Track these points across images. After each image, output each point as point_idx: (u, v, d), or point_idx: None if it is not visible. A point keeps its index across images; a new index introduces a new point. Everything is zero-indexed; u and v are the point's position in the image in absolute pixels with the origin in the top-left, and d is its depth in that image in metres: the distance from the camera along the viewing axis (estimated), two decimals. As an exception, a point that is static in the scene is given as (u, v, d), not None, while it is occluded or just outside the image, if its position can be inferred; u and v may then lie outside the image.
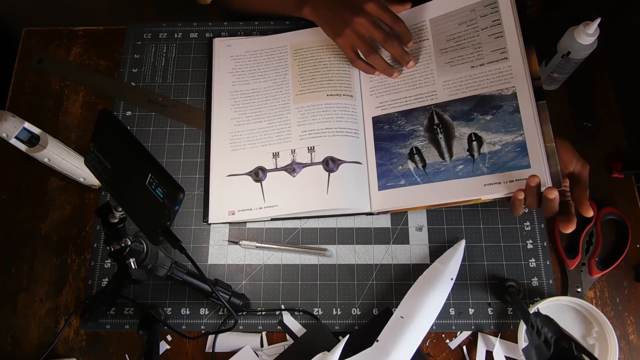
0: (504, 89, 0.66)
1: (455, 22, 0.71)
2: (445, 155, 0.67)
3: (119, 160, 0.49)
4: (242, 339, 0.66)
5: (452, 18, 0.72)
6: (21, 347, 0.67)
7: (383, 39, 0.69)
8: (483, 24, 0.70)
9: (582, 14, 0.78)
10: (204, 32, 0.83)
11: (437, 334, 0.67)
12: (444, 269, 0.65)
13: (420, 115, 0.70)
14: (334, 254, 0.70)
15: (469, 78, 0.68)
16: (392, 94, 0.72)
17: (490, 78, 0.67)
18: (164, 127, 0.77)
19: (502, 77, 0.66)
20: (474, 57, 0.69)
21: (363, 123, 0.73)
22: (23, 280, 0.70)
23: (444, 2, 0.73)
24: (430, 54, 0.72)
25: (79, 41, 0.83)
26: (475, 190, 0.63)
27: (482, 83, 0.67)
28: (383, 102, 0.72)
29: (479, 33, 0.69)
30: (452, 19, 0.72)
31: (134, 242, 0.55)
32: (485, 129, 0.66)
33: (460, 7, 0.72)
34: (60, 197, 0.74)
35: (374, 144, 0.71)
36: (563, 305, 0.66)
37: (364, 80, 0.75)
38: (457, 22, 0.71)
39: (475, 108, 0.67)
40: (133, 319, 0.68)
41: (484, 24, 0.69)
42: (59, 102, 0.79)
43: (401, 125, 0.70)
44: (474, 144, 0.66)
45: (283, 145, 0.72)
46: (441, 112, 0.69)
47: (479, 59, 0.69)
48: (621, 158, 0.73)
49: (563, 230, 0.59)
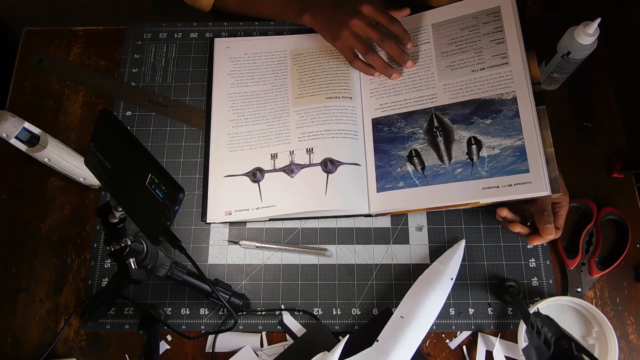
0: (504, 94, 0.66)
1: (457, 28, 0.72)
2: (445, 158, 0.67)
3: (119, 160, 0.49)
4: (242, 339, 0.66)
5: (454, 24, 0.72)
6: (21, 347, 0.67)
7: (379, 39, 0.70)
8: (485, 30, 0.70)
9: (582, 14, 0.77)
10: (204, 32, 0.83)
11: (437, 334, 0.67)
12: (444, 269, 0.65)
13: (420, 118, 0.70)
14: (334, 254, 0.70)
15: (470, 82, 0.69)
16: (392, 95, 0.72)
17: (490, 82, 0.67)
18: (164, 127, 0.77)
19: (503, 81, 0.67)
20: (474, 61, 0.69)
21: (363, 125, 0.73)
22: (23, 280, 0.70)
23: (446, 10, 0.73)
24: (431, 57, 0.72)
25: (79, 41, 0.83)
26: (474, 193, 0.63)
27: (482, 87, 0.68)
28: (383, 103, 0.72)
29: (481, 38, 0.70)
30: (454, 24, 0.72)
31: (134, 242, 0.55)
32: (484, 132, 0.66)
33: (463, 14, 0.72)
34: (60, 197, 0.74)
35: (373, 145, 0.71)
36: (563, 305, 0.66)
37: (364, 82, 0.75)
38: (459, 27, 0.72)
39: (475, 112, 0.67)
40: (133, 319, 0.68)
41: (486, 30, 0.70)
42: (59, 102, 0.79)
43: (401, 127, 0.70)
44: (473, 147, 0.66)
45: (281, 146, 0.72)
46: (441, 115, 0.69)
47: (479, 64, 0.69)
48: (621, 158, 0.73)
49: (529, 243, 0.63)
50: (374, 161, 0.70)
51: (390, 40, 0.70)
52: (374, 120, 0.72)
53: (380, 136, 0.71)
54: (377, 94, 0.73)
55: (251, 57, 0.79)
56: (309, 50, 0.78)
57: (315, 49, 0.78)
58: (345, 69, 0.75)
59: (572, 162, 0.73)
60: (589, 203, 0.70)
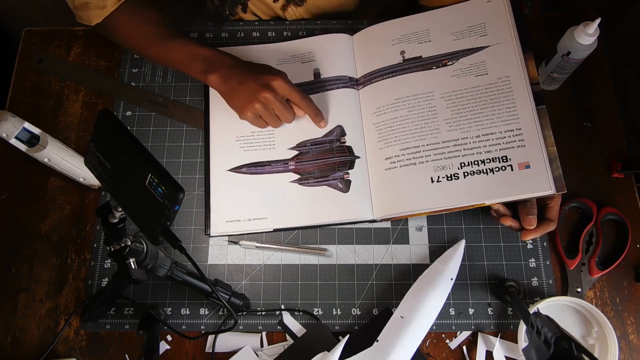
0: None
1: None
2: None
3: (119, 160, 0.49)
4: (242, 339, 0.66)
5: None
6: (21, 347, 0.67)
7: (287, 119, 0.71)
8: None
9: (582, 14, 0.78)
10: (204, 32, 0.83)
11: (437, 334, 0.67)
12: (444, 269, 0.65)
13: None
14: (334, 254, 0.70)
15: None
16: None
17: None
18: (164, 127, 0.77)
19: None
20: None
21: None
22: (23, 280, 0.70)
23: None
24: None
25: (79, 41, 0.83)
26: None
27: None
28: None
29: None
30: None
31: (134, 242, 0.55)
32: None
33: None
34: (60, 197, 0.74)
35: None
36: (563, 305, 0.66)
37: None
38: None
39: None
40: (133, 319, 0.68)
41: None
42: (59, 102, 0.79)
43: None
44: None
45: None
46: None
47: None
48: (621, 158, 0.73)
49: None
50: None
51: (289, 114, 0.70)
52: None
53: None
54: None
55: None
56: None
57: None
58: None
59: (572, 162, 0.73)
60: (589, 203, 0.70)
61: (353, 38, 0.78)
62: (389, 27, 0.76)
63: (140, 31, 0.72)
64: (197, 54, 0.69)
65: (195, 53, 0.69)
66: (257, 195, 0.71)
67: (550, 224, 0.62)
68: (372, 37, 0.77)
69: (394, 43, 0.74)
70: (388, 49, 0.74)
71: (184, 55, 0.70)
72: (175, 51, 0.70)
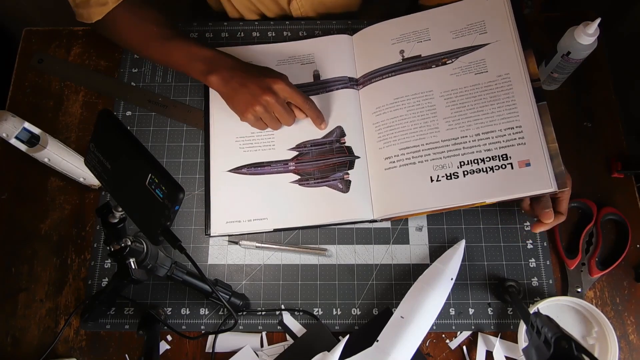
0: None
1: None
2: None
3: (119, 160, 0.49)
4: (242, 339, 0.66)
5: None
6: (21, 347, 0.67)
7: (287, 122, 0.71)
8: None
9: (582, 14, 0.78)
10: (204, 32, 0.83)
11: (437, 334, 0.67)
12: (444, 269, 0.65)
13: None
14: (334, 254, 0.70)
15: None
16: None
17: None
18: (164, 127, 0.77)
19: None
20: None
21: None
22: (23, 280, 0.70)
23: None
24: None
25: (79, 41, 0.83)
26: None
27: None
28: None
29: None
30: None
31: (134, 242, 0.55)
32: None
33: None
34: (60, 197, 0.74)
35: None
36: (563, 305, 0.66)
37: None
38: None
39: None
40: (133, 319, 0.68)
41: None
42: (59, 102, 0.79)
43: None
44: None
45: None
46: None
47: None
48: (621, 158, 0.73)
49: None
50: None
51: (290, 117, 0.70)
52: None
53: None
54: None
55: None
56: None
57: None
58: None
59: (572, 162, 0.73)
60: (589, 203, 0.70)
61: (353, 38, 0.78)
62: (389, 26, 0.76)
63: (141, 30, 0.72)
64: (198, 54, 0.69)
65: (196, 53, 0.69)
66: (257, 195, 0.71)
67: (561, 217, 0.63)
68: (372, 37, 0.77)
69: (394, 42, 0.74)
70: (387, 48, 0.74)
71: (185, 55, 0.70)
72: (176, 51, 0.70)
